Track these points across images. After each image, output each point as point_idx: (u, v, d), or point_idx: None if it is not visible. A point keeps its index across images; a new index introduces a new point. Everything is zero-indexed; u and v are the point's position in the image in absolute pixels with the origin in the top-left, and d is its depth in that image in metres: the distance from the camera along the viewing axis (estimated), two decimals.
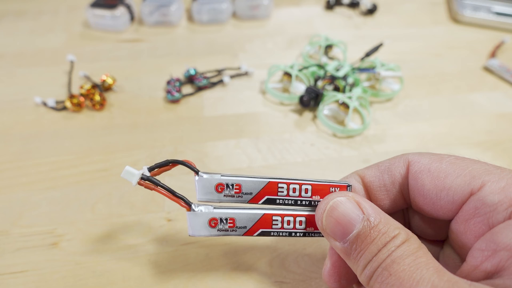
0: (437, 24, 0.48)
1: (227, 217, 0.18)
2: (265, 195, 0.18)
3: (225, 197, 0.18)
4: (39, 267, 0.22)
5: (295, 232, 0.19)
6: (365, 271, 0.16)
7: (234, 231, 0.18)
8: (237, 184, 0.18)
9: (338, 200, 0.17)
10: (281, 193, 0.19)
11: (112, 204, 0.26)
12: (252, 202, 0.19)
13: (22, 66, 0.38)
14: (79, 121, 0.32)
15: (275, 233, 0.19)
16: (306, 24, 0.47)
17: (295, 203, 0.19)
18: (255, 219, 0.18)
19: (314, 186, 0.19)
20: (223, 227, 0.18)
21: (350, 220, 0.16)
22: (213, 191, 0.18)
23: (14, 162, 0.29)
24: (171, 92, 0.34)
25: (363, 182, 0.19)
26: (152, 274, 0.22)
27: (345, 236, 0.16)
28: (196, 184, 0.18)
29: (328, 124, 0.32)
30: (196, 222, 0.18)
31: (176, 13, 0.44)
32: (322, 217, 0.17)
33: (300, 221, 0.19)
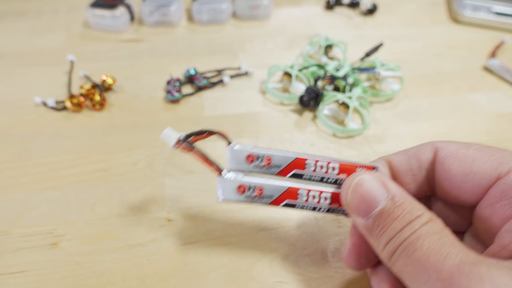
0: (437, 24, 0.48)
1: (256, 185, 0.19)
2: (293, 169, 0.19)
3: (254, 168, 0.19)
4: (39, 267, 0.22)
5: (319, 208, 0.19)
6: (387, 247, 0.16)
7: (261, 200, 0.19)
8: (267, 156, 0.19)
9: (364, 177, 0.18)
10: (309, 169, 0.19)
11: (112, 204, 0.26)
12: (280, 175, 0.19)
13: (22, 66, 0.38)
14: (79, 121, 0.32)
15: (300, 206, 0.19)
16: (306, 24, 0.47)
17: (321, 180, 0.19)
18: (282, 190, 0.19)
19: (341, 165, 0.19)
20: (250, 194, 0.19)
21: (375, 197, 0.17)
22: (244, 161, 0.19)
23: (14, 162, 0.29)
24: (171, 92, 0.34)
25: (390, 167, 0.20)
26: (152, 274, 0.22)
27: (368, 212, 0.17)
28: (228, 154, 0.19)
29: (328, 124, 0.32)
30: (225, 187, 0.19)
31: (176, 13, 0.44)
32: (348, 192, 0.18)
33: (325, 197, 0.19)
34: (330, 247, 0.24)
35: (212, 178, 0.28)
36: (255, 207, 0.26)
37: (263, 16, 0.47)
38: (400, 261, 0.15)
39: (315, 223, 0.25)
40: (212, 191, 0.27)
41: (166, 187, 0.27)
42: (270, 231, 0.25)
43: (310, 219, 0.25)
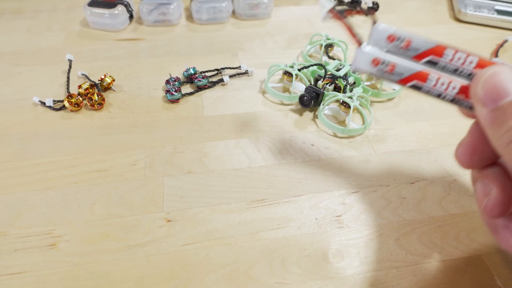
0: (439, 23, 0.48)
1: (389, 62, 0.20)
2: (429, 55, 0.20)
3: (392, 47, 0.21)
4: (37, 268, 0.22)
5: (444, 95, 0.20)
6: (505, 135, 0.16)
7: (390, 76, 0.20)
8: (408, 39, 0.20)
9: (502, 69, 0.17)
10: (445, 58, 0.20)
11: (111, 205, 0.26)
12: (415, 59, 0.20)
13: (20, 65, 0.38)
14: (78, 121, 0.32)
15: (426, 90, 0.20)
16: (306, 23, 0.47)
17: (455, 71, 0.20)
18: (413, 71, 0.20)
19: (480, 60, 0.19)
20: (382, 68, 0.20)
21: (507, 88, 0.17)
22: (384, 40, 0.21)
23: (12, 162, 0.28)
24: (171, 92, 0.34)
25: None
26: (152, 275, 0.22)
27: (496, 102, 0.17)
28: (371, 32, 0.21)
29: (329, 124, 0.31)
30: (362, 57, 0.21)
31: (175, 12, 0.44)
32: (481, 79, 0.18)
33: (454, 86, 0.19)
34: (330, 248, 0.24)
35: (211, 179, 0.28)
36: (255, 209, 0.26)
37: (263, 15, 0.47)
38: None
39: (315, 223, 0.25)
40: (211, 191, 0.27)
41: (165, 187, 0.27)
42: (270, 231, 0.24)
43: (310, 220, 0.25)
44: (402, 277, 0.22)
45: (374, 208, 0.26)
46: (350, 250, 0.24)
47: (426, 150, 0.30)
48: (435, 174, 0.28)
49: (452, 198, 0.27)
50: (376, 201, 0.26)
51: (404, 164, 0.29)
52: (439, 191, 0.27)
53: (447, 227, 0.25)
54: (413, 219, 0.25)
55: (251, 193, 0.27)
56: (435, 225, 0.25)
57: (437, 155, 0.30)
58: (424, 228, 0.25)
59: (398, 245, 0.24)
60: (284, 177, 0.28)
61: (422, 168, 0.29)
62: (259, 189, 0.27)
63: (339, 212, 0.26)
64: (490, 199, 0.18)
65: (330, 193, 0.27)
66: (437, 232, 0.25)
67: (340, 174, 0.28)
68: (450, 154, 0.30)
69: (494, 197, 0.18)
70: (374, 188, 0.27)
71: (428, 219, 0.25)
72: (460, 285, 0.22)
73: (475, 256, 0.23)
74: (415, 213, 0.26)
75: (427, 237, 0.24)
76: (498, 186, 0.18)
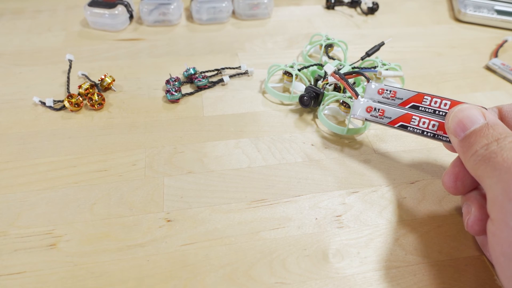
0: (439, 23, 0.48)
1: (380, 108, 0.26)
2: (412, 102, 0.25)
3: (383, 98, 0.26)
4: (37, 268, 0.22)
5: (427, 132, 0.24)
6: (473, 157, 0.19)
7: (381, 119, 0.26)
8: (393, 91, 0.26)
9: (466, 105, 0.21)
10: (425, 103, 0.25)
11: (111, 205, 0.26)
12: (401, 106, 0.26)
13: (20, 65, 0.38)
14: (78, 121, 0.32)
15: (411, 129, 0.25)
16: (307, 23, 0.47)
17: (433, 112, 0.24)
18: (399, 114, 0.25)
19: (453, 102, 0.24)
20: (375, 114, 0.26)
21: (472, 120, 0.20)
22: (376, 93, 0.27)
23: (11, 162, 0.28)
24: (171, 92, 0.34)
25: (499, 113, 0.22)
26: (151, 275, 0.22)
27: (463, 132, 0.20)
28: (366, 88, 0.27)
29: (329, 124, 0.31)
30: (358, 106, 0.27)
31: (175, 12, 0.44)
32: (450, 115, 0.22)
33: (434, 124, 0.24)
34: (330, 248, 0.24)
35: (211, 179, 0.28)
36: (255, 209, 0.26)
37: (263, 15, 0.47)
38: (482, 166, 0.18)
39: (315, 223, 0.25)
40: (211, 191, 0.27)
41: (165, 187, 0.27)
42: (270, 231, 0.24)
43: (310, 220, 0.25)
44: (402, 277, 0.22)
45: (374, 208, 0.26)
46: (350, 250, 0.23)
47: (426, 150, 0.30)
48: (435, 174, 0.28)
49: (452, 198, 0.27)
50: (376, 201, 0.26)
51: (404, 164, 0.29)
52: (439, 191, 0.27)
53: (447, 227, 0.25)
54: (413, 219, 0.25)
55: (251, 193, 0.27)
56: (435, 225, 0.25)
57: (437, 155, 0.30)
58: (424, 228, 0.25)
59: (398, 245, 0.24)
60: (284, 177, 0.28)
61: (422, 168, 0.29)
62: (259, 189, 0.27)
63: (339, 212, 0.26)
64: (470, 217, 0.21)
65: (330, 193, 0.27)
66: (437, 232, 0.25)
67: (340, 174, 0.28)
68: (450, 154, 0.30)
69: (473, 215, 0.21)
70: (374, 188, 0.27)
71: (428, 219, 0.25)
72: (460, 285, 0.22)
73: (475, 256, 0.23)
74: (415, 213, 0.26)
75: (427, 237, 0.24)
76: (476, 206, 0.21)
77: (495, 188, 0.17)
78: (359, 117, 0.26)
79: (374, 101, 0.26)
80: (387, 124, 0.25)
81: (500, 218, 0.17)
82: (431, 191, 0.27)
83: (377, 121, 0.26)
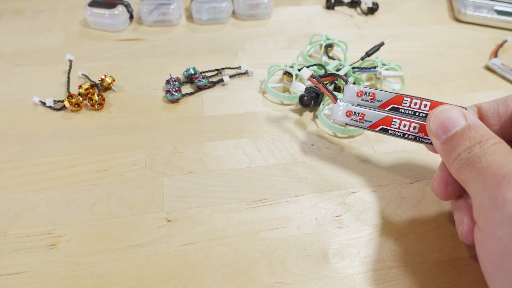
0: (439, 23, 0.48)
1: (359, 112, 0.25)
2: (391, 104, 0.24)
3: (362, 100, 0.25)
4: (37, 268, 0.22)
5: (408, 134, 0.23)
6: (457, 160, 0.18)
7: (362, 123, 0.25)
8: (372, 93, 0.25)
9: (447, 107, 0.21)
10: (405, 104, 0.24)
11: (111, 205, 0.26)
12: (381, 108, 0.24)
13: (20, 65, 0.38)
14: (78, 121, 0.32)
15: (392, 132, 0.24)
16: (307, 23, 0.47)
17: (414, 113, 0.23)
18: (379, 117, 0.24)
19: (433, 103, 0.23)
20: (355, 118, 0.25)
21: (453, 122, 0.19)
22: (354, 95, 0.25)
23: (12, 162, 0.28)
24: (171, 92, 0.34)
25: (479, 112, 0.22)
26: (152, 275, 0.22)
27: (445, 134, 0.19)
28: (344, 90, 0.26)
29: (329, 124, 0.31)
30: (337, 111, 0.26)
31: (176, 12, 0.44)
32: (431, 117, 0.21)
33: (414, 126, 0.23)
34: (330, 247, 0.24)
35: (211, 179, 0.28)
36: (255, 209, 0.26)
37: (263, 15, 0.47)
38: (466, 171, 0.18)
39: (315, 223, 0.25)
40: (211, 191, 0.27)
41: (165, 187, 0.27)
42: (270, 231, 0.24)
43: (310, 220, 0.25)
44: (402, 277, 0.22)
45: (374, 208, 0.26)
46: (350, 250, 0.24)
47: (426, 150, 0.30)
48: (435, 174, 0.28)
49: None
50: (376, 201, 0.26)
51: (404, 164, 0.29)
52: None
53: (447, 227, 0.25)
54: (413, 219, 0.25)
55: (251, 193, 0.27)
56: (435, 225, 0.25)
57: (437, 155, 0.30)
58: (424, 228, 0.25)
59: (398, 245, 0.24)
60: (284, 177, 0.28)
61: (422, 168, 0.29)
62: (259, 189, 0.27)
63: (339, 212, 0.26)
64: (464, 227, 0.20)
65: (330, 193, 0.27)
66: (437, 232, 0.25)
67: (340, 174, 0.28)
68: None
69: (466, 225, 0.20)
70: (374, 188, 0.27)
71: (428, 219, 0.25)
72: (460, 285, 0.22)
73: (475, 256, 0.23)
74: (415, 213, 0.26)
75: (427, 237, 0.24)
76: (468, 216, 0.20)
77: (481, 195, 0.17)
78: (339, 122, 0.25)
79: (354, 104, 0.25)
80: (368, 128, 0.24)
81: (488, 228, 0.17)
82: (431, 191, 0.27)
83: (358, 125, 0.25)
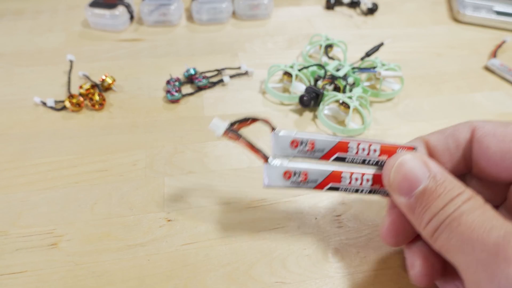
0: (438, 24, 0.48)
1: (301, 171, 0.19)
2: (335, 153, 0.20)
3: (298, 153, 0.20)
4: (38, 267, 0.22)
5: (361, 189, 0.20)
6: (430, 223, 0.16)
7: (306, 184, 0.20)
8: (311, 141, 0.20)
9: (406, 158, 0.18)
10: (351, 152, 0.20)
11: (111, 204, 0.26)
12: (323, 159, 0.20)
13: (21, 65, 0.38)
14: (79, 121, 0.32)
15: (343, 189, 0.20)
16: (306, 23, 0.47)
17: (363, 162, 0.20)
18: (326, 174, 0.20)
19: (382, 147, 0.20)
20: (296, 179, 0.20)
21: (417, 176, 0.17)
22: (288, 147, 0.20)
23: (13, 162, 0.28)
24: (171, 92, 0.34)
25: (427, 146, 0.20)
26: (152, 274, 0.22)
27: (411, 191, 0.17)
28: (272, 140, 0.20)
29: (328, 124, 0.31)
30: (271, 173, 0.20)
31: (176, 13, 0.44)
32: (390, 172, 0.18)
33: (367, 179, 0.20)
34: (330, 247, 0.24)
35: (211, 179, 0.28)
36: (255, 208, 0.26)
37: (263, 15, 0.47)
38: (443, 236, 0.16)
39: (315, 223, 0.25)
40: (211, 191, 0.27)
41: (165, 187, 0.27)
42: (270, 231, 0.24)
43: (310, 219, 0.25)
44: (402, 277, 0.22)
45: (373, 207, 0.26)
46: (349, 250, 0.24)
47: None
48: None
49: None
50: (375, 200, 0.27)
51: None
52: None
53: None
54: None
55: (251, 193, 0.27)
56: None
57: None
58: None
59: None
60: None
61: None
62: (259, 189, 0.27)
63: (338, 211, 0.26)
64: (415, 270, 0.19)
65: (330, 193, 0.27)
66: None
67: None
68: None
69: (418, 270, 0.19)
70: None
71: None
72: None
73: None
74: None
75: None
76: (421, 259, 0.19)
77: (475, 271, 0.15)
78: (276, 186, 0.20)
79: (289, 158, 0.20)
80: (314, 188, 0.20)
81: None
82: None
83: (301, 186, 0.20)
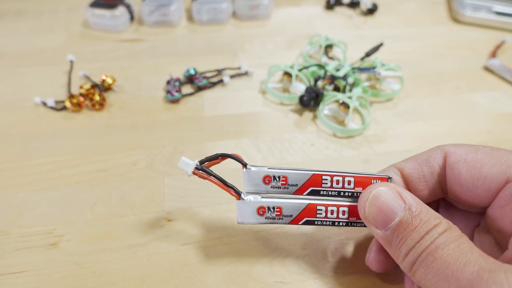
0: (438, 24, 0.48)
1: (275, 206, 0.19)
2: (310, 187, 0.20)
3: (272, 188, 0.20)
4: (39, 267, 0.22)
5: (338, 222, 0.20)
6: (407, 257, 0.16)
7: (281, 219, 0.20)
8: (283, 176, 0.19)
9: (380, 190, 0.18)
10: (325, 185, 0.20)
11: (112, 204, 0.26)
12: (298, 193, 0.20)
13: (21, 66, 0.38)
14: (79, 121, 0.32)
15: (319, 222, 0.20)
16: (306, 24, 0.47)
17: (338, 194, 0.20)
18: (301, 208, 0.19)
19: (356, 178, 0.20)
20: (270, 215, 0.19)
21: (392, 208, 0.17)
22: (261, 182, 0.19)
23: (13, 162, 0.28)
24: (171, 92, 0.34)
25: (402, 175, 0.20)
26: (152, 274, 0.22)
27: (386, 224, 0.17)
28: (245, 176, 0.20)
29: (328, 124, 0.31)
30: (245, 210, 0.19)
31: (176, 13, 0.44)
32: (365, 205, 0.18)
33: (343, 211, 0.20)
34: (330, 247, 0.24)
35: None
36: None
37: (263, 16, 0.47)
38: (420, 271, 0.16)
39: None
40: (211, 191, 0.27)
41: (166, 187, 0.27)
42: (270, 231, 0.24)
43: None
44: (402, 277, 0.22)
45: None
46: (349, 249, 0.24)
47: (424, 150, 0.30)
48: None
49: None
50: None
51: None
52: None
53: None
54: None
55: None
56: None
57: None
58: None
59: None
60: None
61: None
62: None
63: None
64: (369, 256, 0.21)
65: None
66: None
67: None
68: None
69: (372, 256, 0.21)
70: None
71: None
72: None
73: None
74: None
75: None
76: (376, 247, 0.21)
77: None
78: (250, 223, 0.20)
79: (262, 193, 0.20)
80: (290, 223, 0.20)
81: None
82: None
83: (276, 222, 0.20)
